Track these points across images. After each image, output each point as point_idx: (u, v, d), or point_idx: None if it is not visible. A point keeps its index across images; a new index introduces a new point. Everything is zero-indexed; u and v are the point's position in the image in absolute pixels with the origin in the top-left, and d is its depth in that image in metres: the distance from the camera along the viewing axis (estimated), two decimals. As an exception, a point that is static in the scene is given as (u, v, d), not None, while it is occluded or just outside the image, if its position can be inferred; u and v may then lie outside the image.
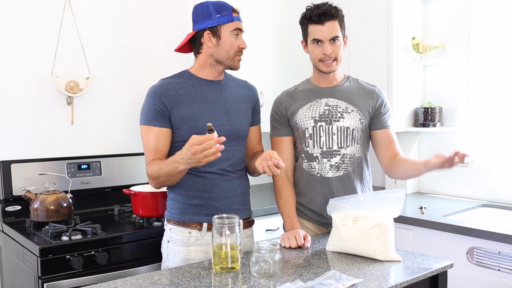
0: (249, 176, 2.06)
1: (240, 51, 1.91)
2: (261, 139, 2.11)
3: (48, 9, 2.64)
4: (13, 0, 2.55)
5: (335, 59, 1.98)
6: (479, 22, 2.96)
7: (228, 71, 2.01)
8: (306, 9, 2.00)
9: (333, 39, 1.95)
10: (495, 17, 2.89)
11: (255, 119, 2.06)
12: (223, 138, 1.65)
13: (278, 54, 3.15)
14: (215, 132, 1.64)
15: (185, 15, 2.78)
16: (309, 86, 2.09)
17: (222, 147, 1.65)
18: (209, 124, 1.65)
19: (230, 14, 1.87)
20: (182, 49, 1.98)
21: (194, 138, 1.64)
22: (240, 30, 1.90)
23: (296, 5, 3.12)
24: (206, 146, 1.62)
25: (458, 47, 3.00)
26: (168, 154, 1.86)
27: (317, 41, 1.96)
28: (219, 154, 1.64)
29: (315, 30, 1.96)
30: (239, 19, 1.90)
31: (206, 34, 1.88)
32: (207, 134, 1.63)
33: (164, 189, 2.07)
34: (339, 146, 2.00)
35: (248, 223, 2.01)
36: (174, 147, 1.87)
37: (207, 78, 1.93)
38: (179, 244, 1.90)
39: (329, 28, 1.94)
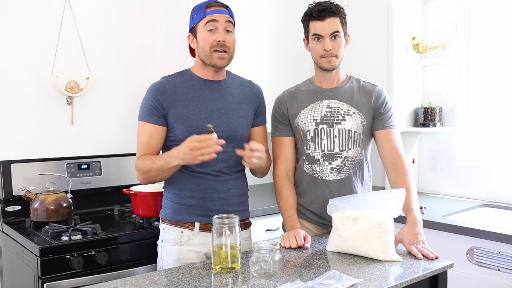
0: (249, 177, 2.06)
1: (217, 45, 1.84)
2: (267, 139, 2.08)
3: (48, 9, 2.64)
4: (13, 0, 2.55)
5: (336, 56, 1.97)
6: (479, 22, 2.95)
7: (231, 70, 2.01)
8: (308, 7, 2.01)
9: (334, 35, 1.95)
10: (495, 17, 2.89)
11: (258, 120, 2.03)
12: (222, 141, 1.69)
13: (278, 54, 3.15)
14: (215, 134, 1.68)
15: (185, 15, 2.77)
16: (311, 86, 2.09)
17: (220, 148, 1.69)
18: (210, 125, 1.70)
19: (203, 10, 1.85)
20: (193, 53, 1.99)
21: (195, 136, 1.69)
22: (215, 21, 1.82)
23: (296, 5, 3.12)
24: (204, 144, 1.66)
25: (458, 47, 3.00)
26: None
27: (318, 37, 1.96)
28: (215, 156, 1.69)
29: (315, 26, 1.96)
30: (214, 12, 1.84)
31: (189, 36, 1.93)
32: (206, 135, 1.67)
33: (164, 189, 2.07)
34: (341, 149, 2.00)
35: (244, 225, 1.99)
36: (168, 146, 1.87)
37: (206, 78, 1.93)
38: (171, 243, 1.90)
39: (330, 24, 1.94)
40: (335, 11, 1.95)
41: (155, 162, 1.80)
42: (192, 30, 1.91)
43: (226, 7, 1.89)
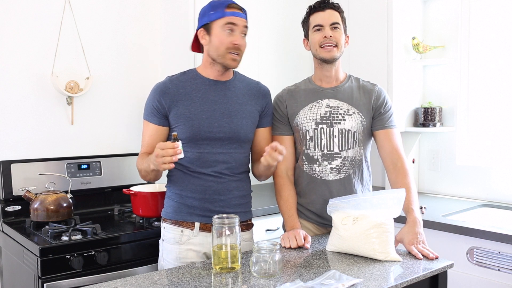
0: (250, 176, 2.05)
1: (233, 48, 1.83)
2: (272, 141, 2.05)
3: (48, 9, 2.64)
4: (13, 0, 2.55)
5: (336, 46, 1.97)
6: (479, 22, 2.95)
7: (239, 71, 2.00)
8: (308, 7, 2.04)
9: (334, 26, 1.96)
10: (495, 17, 2.89)
11: (264, 121, 2.00)
12: (180, 151, 1.66)
13: (278, 54, 3.15)
14: (179, 142, 1.67)
15: (185, 15, 2.78)
16: (311, 85, 2.08)
17: (176, 159, 1.65)
18: (174, 133, 1.69)
19: (222, 9, 1.83)
20: (195, 49, 1.99)
21: (160, 143, 1.69)
22: (234, 24, 1.82)
23: (296, 5, 3.12)
24: (164, 153, 1.65)
25: (458, 47, 3.00)
26: None
27: (318, 27, 1.97)
28: (173, 165, 1.67)
29: (316, 17, 1.98)
30: (234, 14, 1.83)
31: (200, 31, 1.89)
32: (171, 142, 1.66)
33: (164, 189, 2.08)
34: (340, 149, 2.00)
35: (246, 226, 1.99)
36: None
37: (211, 78, 1.92)
38: (171, 242, 1.90)
39: (330, 14, 1.96)
40: (335, 5, 1.99)
41: (143, 163, 1.84)
42: (206, 26, 1.87)
43: (244, 10, 1.88)
